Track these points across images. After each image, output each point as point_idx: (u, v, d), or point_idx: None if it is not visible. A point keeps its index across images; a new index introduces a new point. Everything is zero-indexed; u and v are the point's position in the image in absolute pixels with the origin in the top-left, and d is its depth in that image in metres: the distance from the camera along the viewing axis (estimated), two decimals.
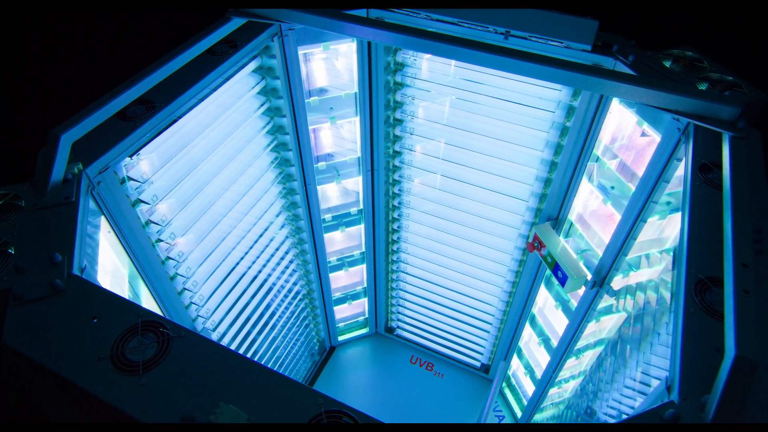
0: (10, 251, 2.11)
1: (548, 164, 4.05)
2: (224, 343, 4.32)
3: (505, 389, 6.21)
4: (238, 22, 3.26)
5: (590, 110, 3.51)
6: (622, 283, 3.64)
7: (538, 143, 3.97)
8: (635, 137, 3.35)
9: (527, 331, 5.40)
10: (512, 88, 3.84)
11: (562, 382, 4.93)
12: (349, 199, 5.15)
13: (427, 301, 6.05)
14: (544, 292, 4.91)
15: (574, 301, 4.41)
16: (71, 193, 2.35)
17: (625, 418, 1.71)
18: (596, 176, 3.74)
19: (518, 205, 4.48)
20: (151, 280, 3.22)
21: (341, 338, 6.75)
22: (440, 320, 6.18)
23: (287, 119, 4.03)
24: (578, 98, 3.55)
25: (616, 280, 3.66)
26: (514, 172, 4.29)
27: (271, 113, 3.99)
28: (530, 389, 5.59)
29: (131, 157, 2.79)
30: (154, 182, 3.05)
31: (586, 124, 3.59)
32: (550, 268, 4.09)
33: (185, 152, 3.24)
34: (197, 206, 3.52)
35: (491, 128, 4.11)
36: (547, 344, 5.07)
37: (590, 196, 3.91)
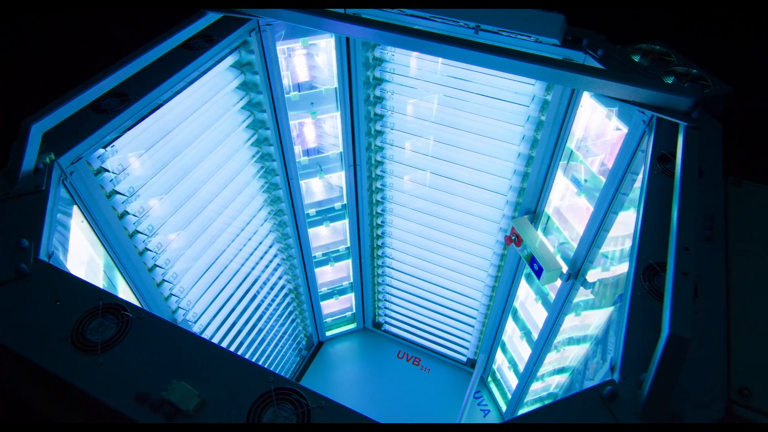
0: None
1: (525, 158, 4.10)
2: (207, 335, 4.37)
3: (490, 383, 6.26)
4: (214, 16, 3.32)
5: (563, 104, 3.57)
6: (598, 276, 3.69)
7: (514, 137, 4.02)
8: (605, 130, 3.40)
9: (510, 325, 5.45)
10: (489, 83, 3.89)
11: (545, 376, 4.97)
12: (332, 194, 5.20)
13: (413, 296, 6.11)
14: (525, 285, 4.96)
15: (552, 294, 4.46)
16: (42, 182, 2.40)
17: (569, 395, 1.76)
18: (570, 169, 3.79)
19: (497, 199, 4.53)
20: (128, 271, 3.28)
21: (329, 333, 6.80)
22: (426, 315, 6.23)
23: (267, 114, 4.08)
24: (551, 92, 3.60)
25: (592, 273, 3.71)
26: (492, 166, 4.34)
27: (251, 108, 4.04)
28: (514, 383, 5.64)
29: (105, 148, 2.84)
30: (130, 174, 3.11)
31: (559, 117, 3.65)
32: (526, 260, 4.15)
33: (163, 144, 3.30)
34: (177, 198, 3.57)
35: (469, 123, 4.17)
36: (528, 338, 5.12)
37: (565, 189, 3.96)
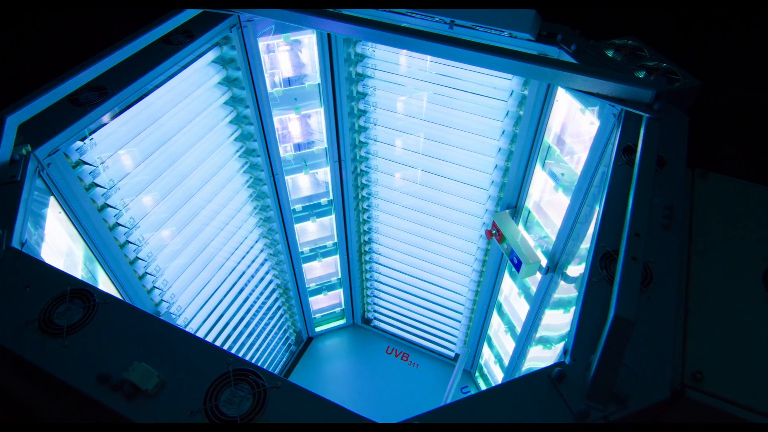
0: None
1: (506, 153, 4.15)
2: (192, 328, 4.42)
3: (477, 378, 6.31)
4: (194, 11, 3.36)
5: (539, 99, 3.61)
6: (580, 271, 3.73)
7: (494, 132, 4.07)
8: (580, 125, 3.44)
9: (495, 319, 5.49)
10: (469, 78, 3.94)
11: (531, 371, 5.01)
12: (319, 189, 5.24)
13: (400, 291, 6.15)
14: (508, 280, 5.00)
15: (534, 288, 4.50)
16: (17, 173, 2.45)
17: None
18: (548, 164, 3.83)
19: (480, 194, 4.57)
20: (108, 262, 3.32)
21: (318, 329, 6.84)
22: (414, 311, 6.27)
23: (251, 110, 4.13)
24: (528, 87, 3.64)
25: (574, 268, 3.75)
26: (474, 161, 4.39)
27: (234, 103, 4.09)
28: (500, 378, 5.68)
29: (83, 140, 2.89)
30: (110, 167, 3.16)
31: (536, 112, 3.69)
32: (506, 254, 4.19)
33: (144, 138, 3.34)
34: (159, 192, 3.62)
35: (451, 118, 4.21)
36: (513, 332, 5.16)
37: (545, 184, 4.01)
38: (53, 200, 2.75)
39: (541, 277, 4.06)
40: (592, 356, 1.73)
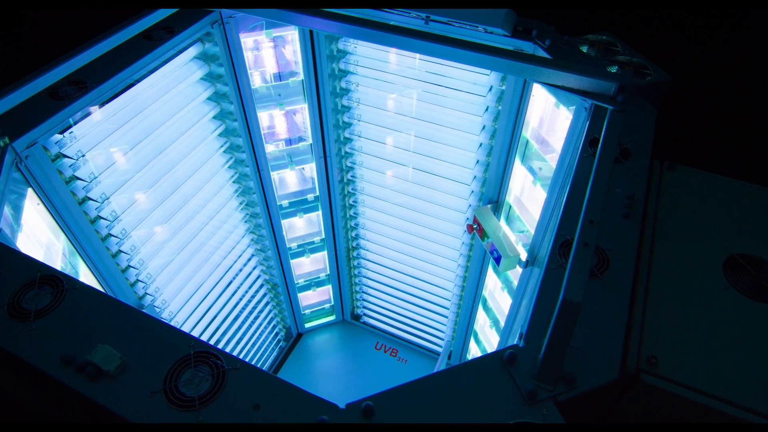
0: None
1: (487, 148, 4.19)
2: (177, 322, 4.46)
3: None
4: (166, 11, 3.41)
5: (516, 94, 3.66)
6: None
7: (474, 127, 4.11)
8: (556, 119, 3.49)
9: (481, 314, 5.53)
10: (449, 74, 3.98)
11: None
12: (305, 185, 5.29)
13: (389, 287, 6.20)
14: (492, 275, 5.05)
15: (516, 282, 4.55)
16: None
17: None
18: (526, 158, 3.88)
19: (462, 189, 4.62)
20: (89, 255, 3.37)
21: (308, 325, 6.89)
22: (402, 306, 6.32)
23: (234, 106, 4.17)
24: (506, 82, 3.69)
25: None
26: (456, 156, 4.43)
27: (218, 99, 4.13)
28: None
29: (62, 134, 2.94)
30: (90, 160, 3.20)
31: (513, 107, 3.74)
32: (487, 248, 4.23)
33: (125, 132, 3.39)
34: (141, 185, 3.67)
35: (433, 114, 4.26)
36: (497, 327, 5.20)
37: (524, 178, 4.05)
38: (31, 192, 2.79)
39: (521, 270, 4.10)
40: (544, 339, 1.78)
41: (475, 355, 6.08)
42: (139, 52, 3.25)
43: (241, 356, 5.75)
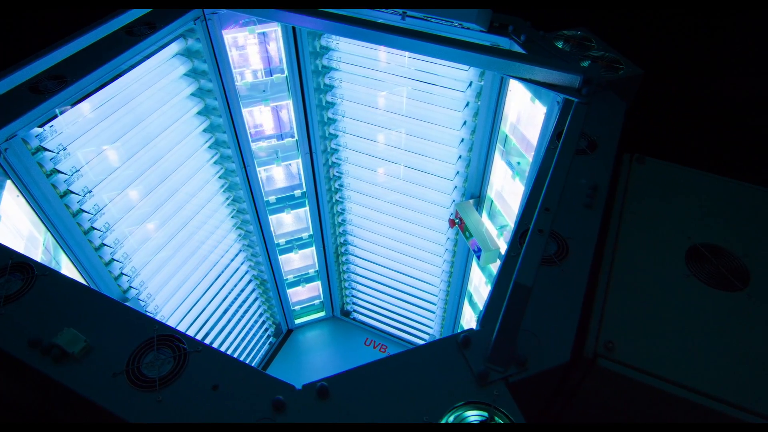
0: None
1: (468, 144, 4.24)
2: (163, 315, 4.51)
3: None
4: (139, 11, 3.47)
5: (494, 89, 3.70)
6: None
7: (455, 123, 4.16)
8: (533, 113, 3.53)
9: (467, 310, 5.58)
10: (430, 69, 4.02)
11: None
12: (292, 181, 5.33)
13: (377, 283, 6.24)
14: (476, 270, 5.09)
15: None
16: None
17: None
18: (505, 153, 3.92)
19: (446, 184, 4.66)
20: (71, 247, 3.42)
21: (298, 321, 6.93)
22: (390, 302, 6.36)
23: (219, 102, 4.22)
24: (484, 77, 3.73)
25: None
26: (439, 152, 4.48)
27: (201, 94, 4.18)
28: None
29: (42, 127, 2.98)
30: (71, 153, 3.25)
31: (492, 102, 3.78)
32: (468, 242, 4.28)
33: (107, 126, 3.44)
34: (124, 179, 3.71)
35: (415, 109, 4.30)
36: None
37: (504, 173, 4.09)
38: (10, 183, 2.84)
39: None
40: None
41: None
42: (120, 47, 3.29)
43: (229, 351, 5.80)
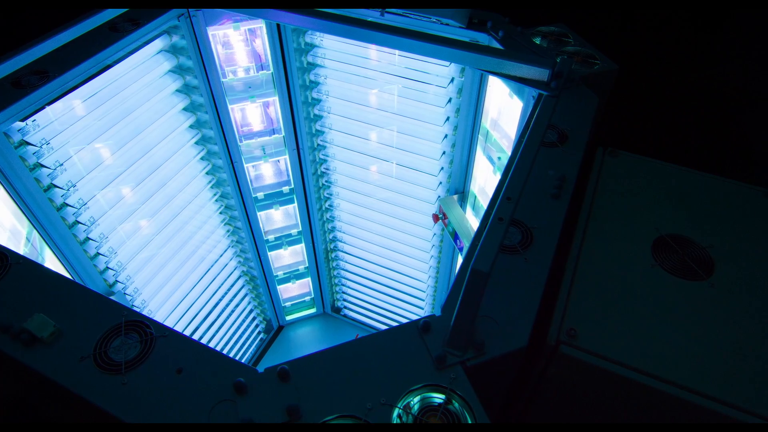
0: None
1: (451, 139, 4.28)
2: (150, 310, 4.55)
3: None
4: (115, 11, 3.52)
5: (475, 84, 3.75)
6: None
7: (438, 119, 4.20)
8: (511, 108, 3.57)
9: None
10: (413, 66, 4.07)
11: None
12: (280, 177, 5.38)
13: (367, 279, 6.28)
14: None
15: None
16: None
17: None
18: (487, 148, 3.97)
19: (431, 180, 4.70)
20: (56, 242, 3.46)
21: (289, 318, 6.98)
22: (380, 299, 6.41)
23: (204, 98, 4.27)
24: (464, 73, 3.78)
25: None
26: (423, 148, 4.52)
27: (187, 91, 4.23)
28: None
29: (24, 121, 3.03)
30: (55, 148, 3.29)
31: (473, 97, 3.83)
32: (452, 237, 4.32)
33: (92, 121, 3.48)
34: (109, 174, 3.75)
35: (400, 105, 4.35)
36: None
37: (486, 168, 4.14)
38: None
39: None
40: None
41: None
42: (103, 43, 3.34)
43: (218, 347, 5.84)
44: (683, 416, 2.05)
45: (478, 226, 2.25)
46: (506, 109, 3.60)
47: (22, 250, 3.16)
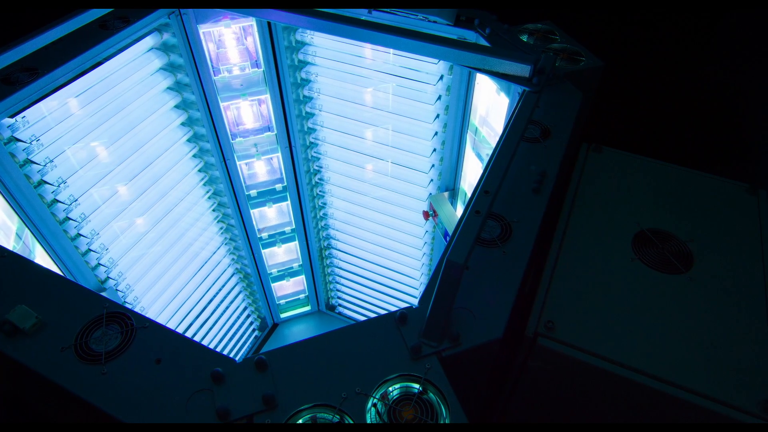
0: None
1: (441, 137, 4.30)
2: (143, 307, 4.58)
3: None
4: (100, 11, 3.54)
5: (463, 81, 3.77)
6: None
7: (428, 116, 4.22)
8: (499, 105, 3.60)
9: None
10: (404, 63, 4.09)
11: None
12: (273, 175, 5.40)
13: (360, 277, 6.31)
14: None
15: None
16: None
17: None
18: (476, 145, 3.99)
19: (422, 177, 4.73)
20: (46, 237, 3.48)
21: (283, 316, 7.00)
22: (374, 296, 6.43)
23: (196, 96, 4.29)
24: (453, 70, 3.80)
25: None
26: (414, 145, 4.54)
27: (179, 88, 4.25)
28: None
29: (13, 117, 3.05)
30: (45, 145, 3.32)
31: (462, 95, 3.85)
32: (442, 234, 4.35)
33: (82, 118, 3.51)
34: (100, 171, 3.78)
35: (390, 103, 4.37)
36: None
37: (475, 165, 4.16)
38: None
39: None
40: None
41: None
42: (93, 40, 3.36)
43: (213, 344, 5.87)
44: (661, 408, 2.07)
45: (457, 222, 2.28)
46: (494, 106, 3.62)
47: (12, 246, 3.18)
